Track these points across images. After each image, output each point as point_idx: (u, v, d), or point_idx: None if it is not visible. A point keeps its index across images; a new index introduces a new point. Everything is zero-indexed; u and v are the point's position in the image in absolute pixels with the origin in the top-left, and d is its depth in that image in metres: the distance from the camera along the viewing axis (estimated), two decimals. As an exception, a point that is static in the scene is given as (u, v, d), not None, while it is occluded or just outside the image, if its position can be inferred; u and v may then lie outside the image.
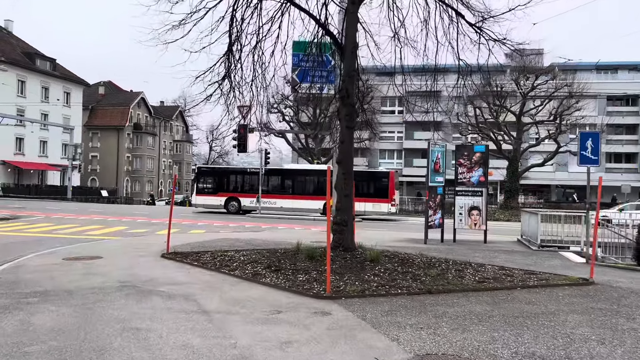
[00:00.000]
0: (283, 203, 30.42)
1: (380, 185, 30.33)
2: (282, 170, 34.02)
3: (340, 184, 10.10)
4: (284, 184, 31.89)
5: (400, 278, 8.31)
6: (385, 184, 30.23)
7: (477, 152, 16.89)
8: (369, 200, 29.29)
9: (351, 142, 10.10)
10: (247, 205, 31.05)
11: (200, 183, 32.15)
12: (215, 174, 33.44)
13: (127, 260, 10.75)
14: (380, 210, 30.03)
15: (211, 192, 31.69)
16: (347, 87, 10.05)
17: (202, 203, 31.53)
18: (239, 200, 31.12)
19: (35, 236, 16.06)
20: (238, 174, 33.32)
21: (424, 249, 13.75)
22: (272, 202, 30.74)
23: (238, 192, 31.51)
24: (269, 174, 31.85)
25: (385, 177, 30.75)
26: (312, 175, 31.45)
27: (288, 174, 32.59)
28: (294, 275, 8.52)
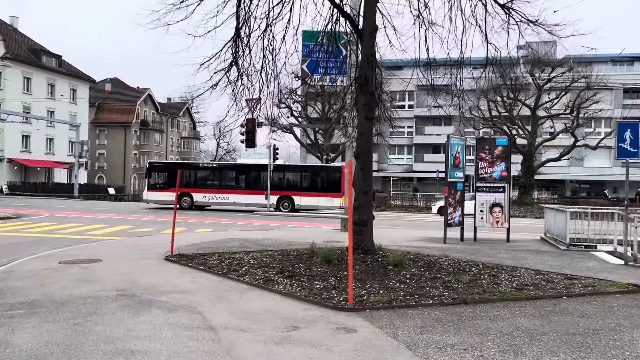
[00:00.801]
0: (236, 198, 30.28)
1: (332, 180, 30.37)
2: (236, 165, 33.94)
3: (358, 180, 9.21)
4: (237, 179, 31.72)
5: (430, 285, 7.42)
6: (338, 179, 30.12)
7: (499, 145, 15.93)
8: (321, 195, 29.91)
9: (370, 134, 9.21)
10: (200, 200, 30.65)
11: (152, 179, 31.64)
12: (167, 170, 32.72)
13: (128, 263, 9.94)
14: (333, 204, 29.98)
15: (163, 187, 30.92)
16: (365, 74, 9.15)
17: (154, 199, 30.93)
18: (191, 196, 30.54)
19: (36, 236, 15.33)
20: (190, 169, 32.96)
21: (444, 249, 12.85)
22: (224, 197, 30.51)
23: (191, 187, 30.79)
24: (222, 168, 32.37)
25: (337, 172, 30.76)
26: (265, 170, 31.31)
27: (243, 169, 32.29)
28: (310, 282, 7.65)
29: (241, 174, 31.74)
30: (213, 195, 30.43)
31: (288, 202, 30.47)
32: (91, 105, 61.75)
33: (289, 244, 13.77)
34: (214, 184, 31.03)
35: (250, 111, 19.80)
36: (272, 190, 29.91)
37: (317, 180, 31.11)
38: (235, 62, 9.41)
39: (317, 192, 30.20)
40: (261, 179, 30.91)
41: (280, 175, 31.30)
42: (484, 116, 40.26)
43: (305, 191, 30.42)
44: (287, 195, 30.50)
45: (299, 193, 30.40)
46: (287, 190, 30.68)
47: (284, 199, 30.46)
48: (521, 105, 38.74)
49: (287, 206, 30.43)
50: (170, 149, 75.76)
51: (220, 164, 33.64)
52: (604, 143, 39.57)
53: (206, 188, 30.85)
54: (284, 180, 31.27)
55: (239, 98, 9.72)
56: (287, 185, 31.09)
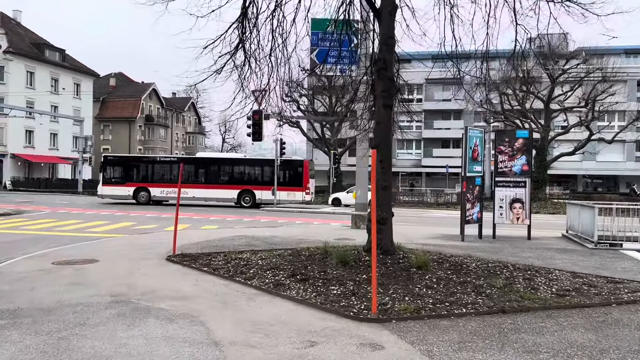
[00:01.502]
0: (196, 193, 29.37)
1: (295, 174, 30.21)
2: (195, 159, 32.87)
3: (377, 174, 8.40)
4: (197, 173, 30.86)
5: (460, 291, 6.63)
6: (300, 173, 30.08)
7: (520, 137, 15.08)
8: (284, 189, 29.51)
9: (389, 124, 8.41)
10: (158, 195, 29.96)
11: (107, 173, 30.80)
12: (123, 163, 31.96)
13: (126, 264, 9.21)
14: (295, 198, 29.87)
15: (119, 182, 30.38)
16: (384, 57, 8.34)
17: (109, 193, 30.24)
18: (148, 190, 29.94)
19: (34, 234, 14.66)
20: (148, 163, 31.95)
21: (465, 248, 12.07)
22: (183, 191, 29.13)
23: (148, 182, 30.22)
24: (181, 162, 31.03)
25: (300, 166, 30.55)
26: (226, 164, 31.04)
27: (203, 163, 31.45)
28: (326, 286, 6.88)
29: (201, 167, 30.92)
30: (171, 189, 29.51)
31: (249, 197, 29.91)
32: (95, 100, 61.19)
33: (298, 242, 13.04)
34: (173, 178, 30.03)
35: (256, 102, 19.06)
36: (232, 184, 29.72)
37: (279, 175, 30.32)
38: (241, 44, 8.61)
39: (280, 186, 29.64)
40: (223, 172, 30.48)
41: (241, 170, 30.88)
42: (496, 110, 39.30)
43: (267, 185, 29.81)
44: (248, 190, 29.98)
45: (261, 187, 29.88)
46: (249, 185, 30.17)
47: (245, 194, 29.91)
48: (534, 98, 37.74)
49: (248, 201, 29.87)
50: (175, 144, 75.18)
51: (179, 157, 33.48)
52: (619, 137, 38.53)
53: (164, 182, 30.03)
54: (245, 174, 30.74)
55: (246, 84, 8.94)
56: (248, 179, 30.57)
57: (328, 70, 18.95)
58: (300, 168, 30.26)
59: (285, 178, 30.20)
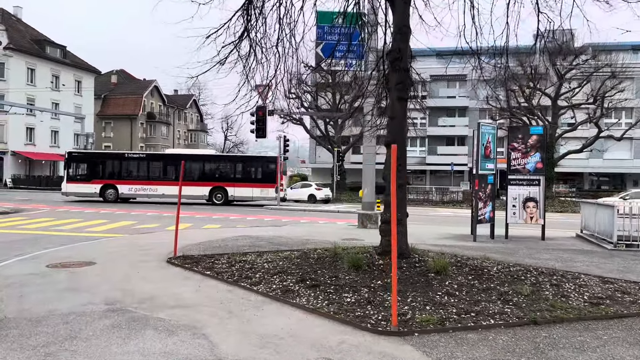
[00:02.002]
0: (165, 190, 28.82)
1: (267, 171, 29.95)
2: (165, 155, 32.21)
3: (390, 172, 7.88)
4: (166, 170, 30.26)
5: (485, 299, 6.10)
6: (273, 170, 29.71)
7: (534, 134, 14.54)
8: (256, 186, 29.48)
9: (404, 118, 7.89)
10: (126, 192, 29.45)
11: (71, 169, 29.91)
12: (89, 160, 30.95)
13: (125, 267, 8.71)
14: (268, 195, 29.70)
15: (85, 179, 29.60)
16: (399, 47, 7.80)
17: (74, 191, 29.41)
18: (116, 188, 29.31)
19: (30, 234, 14.17)
20: (115, 160, 31.11)
21: (477, 249, 11.56)
22: (152, 188, 29.21)
23: (115, 178, 29.58)
24: (150, 159, 30.89)
25: (272, 163, 30.18)
26: (197, 160, 30.46)
27: (173, 159, 30.69)
28: (338, 293, 6.36)
29: (171, 164, 30.27)
30: (140, 187, 29.18)
31: (221, 194, 29.53)
32: (97, 97, 60.72)
33: (304, 242, 12.54)
34: (142, 175, 29.73)
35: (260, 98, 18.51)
36: (204, 181, 29.33)
37: (251, 171, 30.36)
38: (247, 33, 8.08)
39: (251, 182, 29.55)
40: (193, 169, 29.90)
41: (213, 166, 30.53)
42: (502, 106, 38.73)
43: (240, 182, 29.52)
44: (220, 187, 29.56)
45: (233, 184, 29.47)
46: (220, 181, 29.74)
47: (217, 190, 29.50)
48: (541, 94, 37.14)
49: (220, 198, 29.51)
50: (178, 141, 74.71)
51: (148, 153, 32.70)
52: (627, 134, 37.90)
53: (133, 179, 29.58)
54: (217, 171, 30.34)
55: (251, 76, 8.41)
56: (220, 176, 30.15)
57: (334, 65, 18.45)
58: (273, 164, 29.93)
59: (258, 174, 30.05)
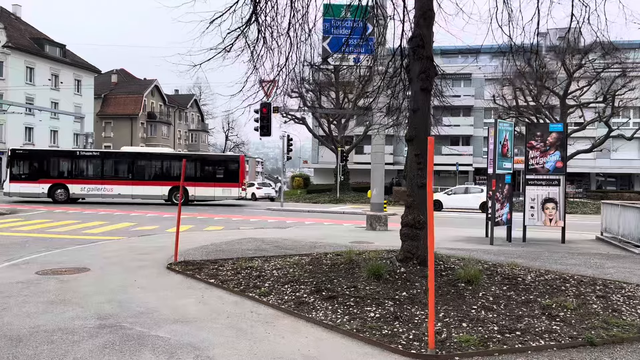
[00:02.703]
0: (121, 189, 27.92)
1: (230, 170, 29.27)
2: (120, 153, 30.63)
3: (413, 171, 7.18)
4: (122, 168, 28.95)
5: (527, 314, 5.39)
6: (236, 169, 29.22)
7: (553, 131, 13.82)
8: (219, 185, 28.74)
9: (428, 111, 7.19)
10: (78, 192, 27.94)
11: (15, 168, 27.90)
12: (37, 157, 28.80)
13: (120, 274, 8.00)
14: (231, 194, 29.14)
15: (31, 178, 27.71)
16: (421, 33, 7.10)
17: (18, 191, 27.46)
18: (66, 187, 27.75)
19: (24, 236, 13.48)
20: (65, 158, 29.08)
21: (497, 253, 10.89)
22: (107, 188, 27.96)
23: (66, 177, 27.97)
24: (105, 157, 29.33)
25: (235, 162, 29.76)
26: (156, 159, 29.38)
27: (129, 157, 29.43)
28: (360, 307, 5.65)
29: (127, 163, 29.02)
30: (94, 186, 27.84)
31: None
32: (97, 96, 60.06)
33: (312, 246, 11.85)
34: (95, 174, 28.31)
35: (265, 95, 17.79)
36: (163, 180, 28.32)
37: (213, 170, 29.37)
38: (255, 16, 7.37)
39: (213, 182, 28.70)
40: (152, 168, 28.89)
41: (173, 165, 29.22)
42: (510, 105, 37.99)
43: (201, 181, 28.55)
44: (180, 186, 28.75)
45: (194, 183, 28.40)
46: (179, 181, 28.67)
47: (176, 190, 28.22)
48: (549, 93, 36.37)
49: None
50: (178, 141, 74.07)
51: (102, 151, 31.29)
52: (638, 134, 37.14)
53: (85, 178, 28.13)
54: (176, 170, 28.97)
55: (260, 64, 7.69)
56: (180, 175, 29.03)
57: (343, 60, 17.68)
58: (236, 164, 29.37)
59: (220, 174, 29.18)
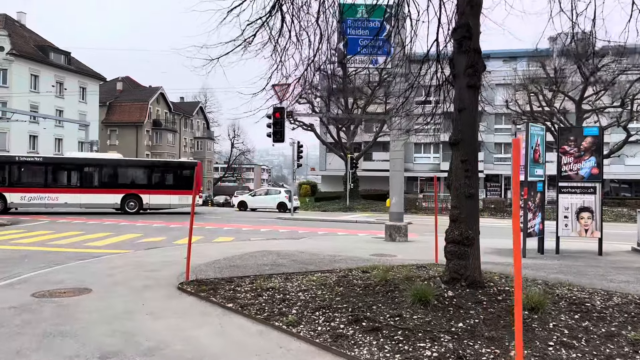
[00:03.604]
0: (68, 198, 26.21)
1: (187, 177, 28.45)
2: (66, 159, 28.61)
3: (459, 179, 6.29)
4: (68, 175, 27.17)
5: (616, 352, 4.45)
6: (191, 175, 28.34)
7: (588, 136, 12.90)
8: (175, 193, 27.82)
9: (476, 111, 6.32)
10: (17, 202, 25.77)
11: None
12: None
13: (126, 297, 7.13)
14: (188, 202, 27.62)
15: None
16: (468, 22, 6.25)
17: None
18: (3, 197, 25.50)
19: (24, 249, 12.65)
20: (1, 164, 26.38)
21: (534, 267, 10.03)
22: (52, 197, 26.05)
23: (4, 186, 25.57)
24: (49, 163, 27.29)
25: (191, 168, 28.87)
26: (106, 165, 27.80)
27: (77, 164, 27.46)
28: (410, 342, 4.73)
29: (75, 169, 27.21)
30: (37, 195, 25.75)
31: (135, 202, 27.30)
32: (102, 104, 59.54)
33: (332, 259, 10.99)
34: (38, 182, 26.19)
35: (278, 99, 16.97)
36: (115, 188, 27.00)
37: (168, 177, 28.42)
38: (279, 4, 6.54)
39: (168, 189, 27.68)
40: (102, 175, 27.30)
41: (126, 172, 28.15)
42: (523, 110, 37.10)
43: (155, 189, 27.55)
44: (134, 194, 27.34)
45: (148, 191, 27.43)
46: (134, 188, 27.50)
47: (130, 198, 27.21)
48: (563, 97, 35.47)
49: (133, 206, 27.26)
50: (184, 149, 73.47)
51: (46, 157, 29.48)
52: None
53: (26, 187, 25.93)
54: (130, 177, 27.94)
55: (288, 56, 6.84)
56: (133, 182, 27.82)
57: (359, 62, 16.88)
58: (192, 170, 28.46)
59: (176, 181, 28.31)
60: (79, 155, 30.61)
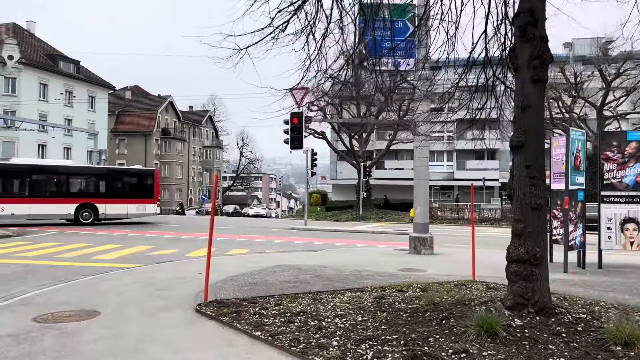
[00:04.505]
0: (15, 209, 23.40)
1: (145, 185, 26.96)
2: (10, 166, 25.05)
3: (523, 188, 5.42)
4: (12, 184, 24.33)
5: None
6: (151, 184, 26.97)
7: (633, 141, 11.96)
8: (133, 201, 26.17)
9: (542, 108, 5.47)
10: None
11: None
12: None
13: (139, 321, 6.30)
14: (146, 212, 26.70)
15: None
16: (531, 7, 5.42)
17: None
18: None
19: (29, 264, 11.88)
20: None
21: (582, 284, 9.21)
22: None
23: None
24: None
25: (150, 176, 27.37)
26: (58, 173, 25.39)
27: (24, 172, 24.37)
28: (488, 387, 3.86)
29: (22, 177, 24.28)
30: None
31: (90, 212, 25.02)
32: (110, 113, 59.22)
33: (358, 275, 10.14)
34: None
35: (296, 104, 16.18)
36: (68, 197, 24.71)
37: (125, 185, 26.73)
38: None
39: (125, 198, 25.95)
40: (53, 183, 24.90)
41: (80, 180, 25.92)
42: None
43: (112, 198, 25.66)
44: (89, 204, 25.11)
45: (105, 200, 25.43)
46: (89, 198, 25.31)
47: (84, 208, 24.90)
48: (583, 104, 34.51)
49: (88, 216, 24.95)
50: (193, 158, 72.98)
51: None
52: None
53: None
54: (85, 185, 25.86)
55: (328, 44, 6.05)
56: (88, 191, 25.73)
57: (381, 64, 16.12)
58: (151, 178, 27.05)
59: (134, 189, 26.67)
60: (27, 161, 27.37)
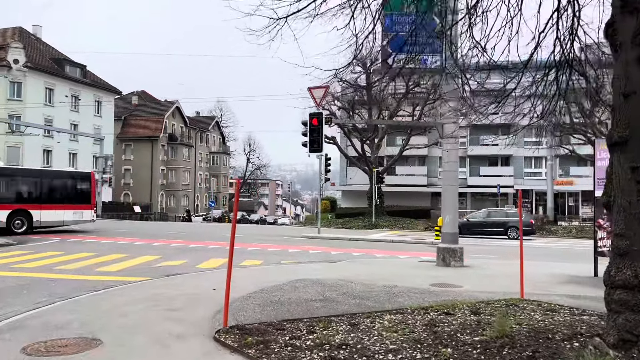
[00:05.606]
0: None
1: (81, 189, 24.60)
2: None
3: (628, 195, 4.39)
4: None
5: None
6: (87, 188, 24.69)
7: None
8: (68, 207, 23.73)
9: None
10: None
11: None
12: None
13: (147, 353, 5.27)
14: (84, 218, 24.39)
15: None
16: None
17: None
18: None
19: (28, 276, 10.90)
20: None
21: None
22: None
23: None
24: None
25: (86, 179, 25.00)
26: None
27: None
28: None
29: None
30: None
31: (23, 219, 22.31)
32: (117, 118, 58.59)
33: (390, 291, 9.13)
34: None
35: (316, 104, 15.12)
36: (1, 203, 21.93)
37: (61, 190, 24.04)
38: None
39: (61, 204, 23.49)
40: None
41: (10, 184, 22.97)
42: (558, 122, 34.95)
43: (48, 203, 23.14)
44: (22, 210, 22.39)
45: (40, 206, 22.87)
46: (21, 203, 22.50)
47: (17, 215, 22.20)
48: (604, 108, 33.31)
49: (20, 225, 22.17)
50: (199, 164, 72.20)
51: None
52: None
53: None
54: (15, 190, 23.00)
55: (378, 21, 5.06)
56: (20, 196, 22.84)
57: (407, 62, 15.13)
58: (88, 182, 24.81)
59: (69, 194, 24.18)
60: None
